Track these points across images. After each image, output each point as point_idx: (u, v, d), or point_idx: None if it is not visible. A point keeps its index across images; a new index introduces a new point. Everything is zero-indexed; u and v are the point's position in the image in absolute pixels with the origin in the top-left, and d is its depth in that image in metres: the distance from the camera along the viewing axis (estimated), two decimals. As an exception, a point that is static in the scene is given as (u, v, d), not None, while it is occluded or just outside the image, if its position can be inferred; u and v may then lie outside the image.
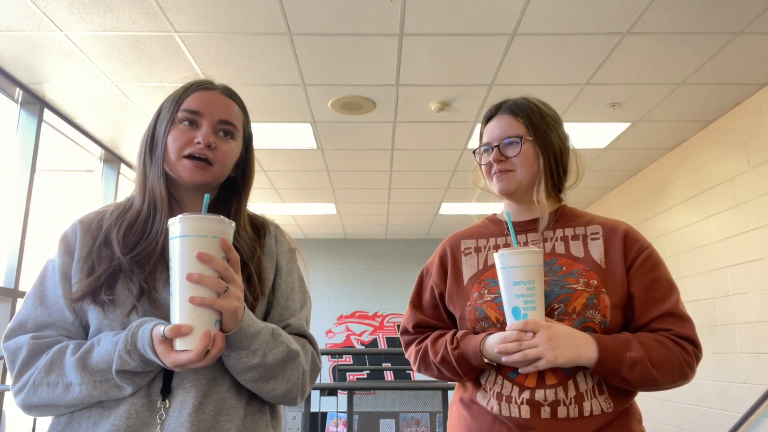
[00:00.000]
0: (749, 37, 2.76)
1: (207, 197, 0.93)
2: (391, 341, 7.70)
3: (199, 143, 1.01)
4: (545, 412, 1.10)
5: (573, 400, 1.10)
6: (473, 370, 1.20)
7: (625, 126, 3.86)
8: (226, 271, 0.87)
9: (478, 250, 1.30)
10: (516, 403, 1.12)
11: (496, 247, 1.28)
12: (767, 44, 2.82)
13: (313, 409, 4.04)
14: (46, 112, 3.48)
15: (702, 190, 3.92)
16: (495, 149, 1.25)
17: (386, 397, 3.89)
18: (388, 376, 7.54)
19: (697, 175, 3.98)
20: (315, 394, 4.39)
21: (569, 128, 1.33)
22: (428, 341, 1.28)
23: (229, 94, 1.10)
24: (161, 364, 0.87)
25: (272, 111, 3.63)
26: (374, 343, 7.70)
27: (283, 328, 1.04)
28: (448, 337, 1.24)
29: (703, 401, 3.77)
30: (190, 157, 1.02)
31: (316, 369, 1.08)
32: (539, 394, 1.11)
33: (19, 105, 3.38)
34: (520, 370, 1.12)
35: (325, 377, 7.22)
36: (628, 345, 1.11)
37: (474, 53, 2.92)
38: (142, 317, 0.95)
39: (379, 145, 4.27)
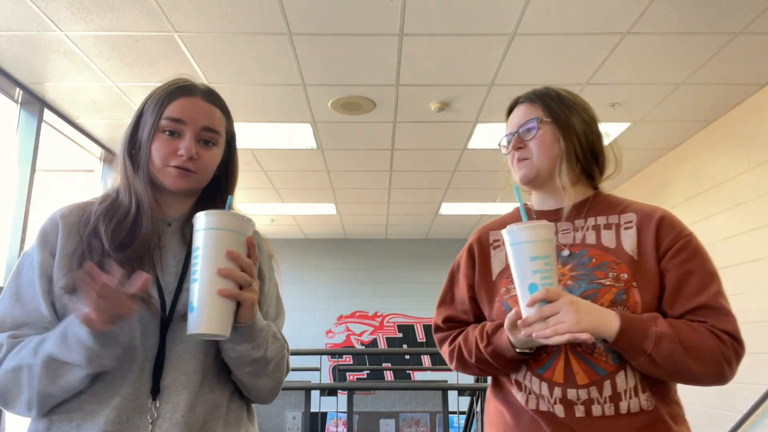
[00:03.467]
0: (749, 37, 2.76)
1: (230, 198, 1.02)
2: (391, 341, 7.70)
3: (182, 155, 1.02)
4: (579, 410, 1.06)
5: (608, 399, 1.05)
6: (512, 363, 1.14)
7: (625, 126, 3.85)
8: (250, 267, 0.92)
9: None
10: (549, 402, 1.09)
11: None
12: (767, 44, 2.82)
13: (313, 409, 4.04)
14: (46, 112, 3.48)
15: (702, 190, 3.92)
16: (515, 136, 1.22)
17: (386, 397, 3.89)
18: (388, 376, 7.54)
19: (697, 175, 3.98)
20: (315, 394, 4.39)
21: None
22: (460, 339, 1.24)
23: (211, 98, 1.09)
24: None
25: (272, 111, 3.63)
26: (374, 343, 7.69)
27: None
28: (477, 333, 1.19)
29: (703, 401, 3.77)
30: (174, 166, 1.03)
31: (287, 372, 1.12)
32: (571, 393, 1.07)
33: (19, 105, 3.38)
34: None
35: (325, 377, 7.22)
36: (654, 320, 1.03)
37: (474, 53, 2.92)
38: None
39: (379, 145, 4.27)
